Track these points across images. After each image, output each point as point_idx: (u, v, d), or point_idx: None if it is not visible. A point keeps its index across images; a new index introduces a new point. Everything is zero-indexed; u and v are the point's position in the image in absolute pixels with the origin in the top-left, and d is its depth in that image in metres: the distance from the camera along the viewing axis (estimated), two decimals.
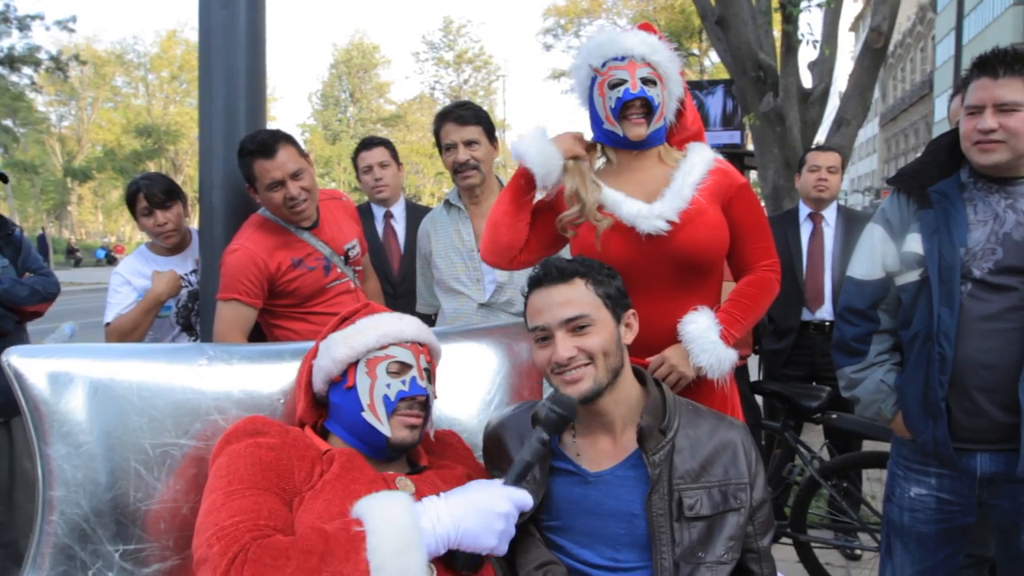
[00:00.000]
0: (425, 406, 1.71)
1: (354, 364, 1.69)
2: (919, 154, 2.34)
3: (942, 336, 2.03)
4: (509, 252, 2.24)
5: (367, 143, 3.95)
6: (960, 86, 2.13)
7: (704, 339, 2.05)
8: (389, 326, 1.72)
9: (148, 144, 39.79)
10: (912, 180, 2.18)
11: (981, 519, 2.18)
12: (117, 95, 41.58)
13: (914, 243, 2.12)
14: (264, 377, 1.83)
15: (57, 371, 1.65)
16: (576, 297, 1.65)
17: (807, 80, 6.73)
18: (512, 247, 2.23)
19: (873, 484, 3.85)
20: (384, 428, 1.64)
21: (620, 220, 2.09)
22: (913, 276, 2.13)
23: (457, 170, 2.91)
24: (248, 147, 2.51)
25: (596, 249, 2.07)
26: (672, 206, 2.06)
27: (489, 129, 2.93)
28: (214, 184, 2.68)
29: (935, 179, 2.14)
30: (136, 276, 3.07)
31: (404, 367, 1.69)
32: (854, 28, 53.14)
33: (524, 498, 1.51)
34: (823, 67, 6.65)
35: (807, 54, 13.42)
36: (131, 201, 3.08)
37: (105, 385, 1.66)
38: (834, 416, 3.27)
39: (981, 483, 2.09)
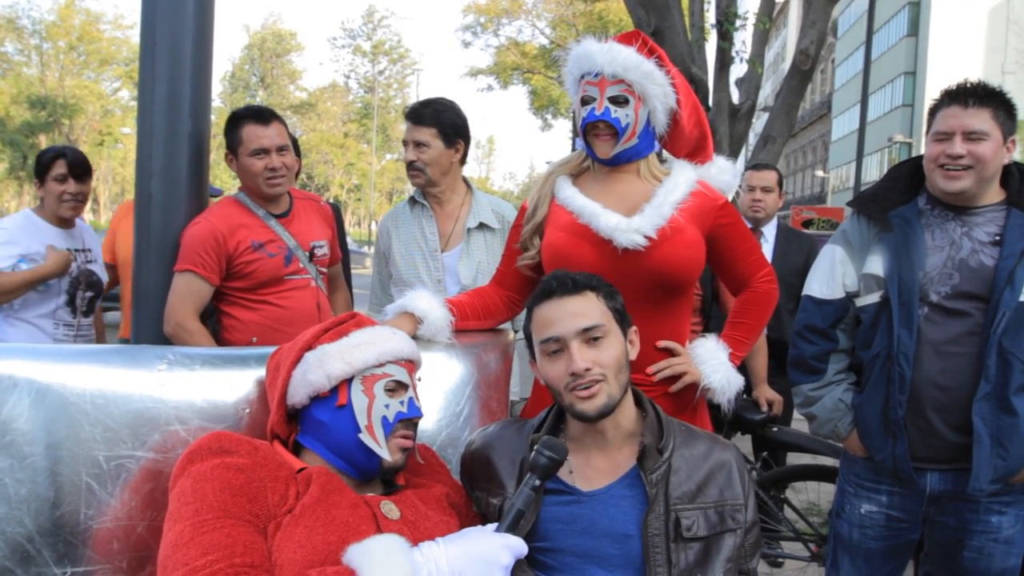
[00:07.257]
0: (416, 426, 1.64)
1: (347, 381, 1.59)
2: (817, 172, 2.41)
3: (901, 356, 2.08)
4: (499, 317, 2.26)
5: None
6: (929, 115, 2.19)
7: (715, 360, 2.05)
8: (387, 343, 1.64)
9: (42, 117, 37.44)
10: (873, 204, 2.24)
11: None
12: (6, 62, 38.86)
13: (875, 265, 2.18)
14: (228, 384, 1.71)
15: None
16: (590, 309, 1.62)
17: (734, 96, 6.90)
18: (496, 318, 2.25)
19: (798, 494, 3.96)
20: (382, 451, 1.56)
21: (596, 232, 2.04)
22: (874, 298, 2.18)
23: (408, 169, 2.92)
24: (242, 112, 2.66)
25: (567, 259, 2.03)
26: (651, 222, 2.01)
27: (447, 131, 2.84)
28: (153, 172, 2.50)
29: (895, 204, 2.19)
30: (23, 236, 3.09)
31: (401, 387, 1.62)
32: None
33: (521, 547, 1.46)
34: (750, 84, 6.84)
35: (734, 70, 13.91)
36: (47, 165, 3.11)
37: (54, 391, 1.52)
38: (775, 429, 3.33)
39: (929, 500, 2.16)
